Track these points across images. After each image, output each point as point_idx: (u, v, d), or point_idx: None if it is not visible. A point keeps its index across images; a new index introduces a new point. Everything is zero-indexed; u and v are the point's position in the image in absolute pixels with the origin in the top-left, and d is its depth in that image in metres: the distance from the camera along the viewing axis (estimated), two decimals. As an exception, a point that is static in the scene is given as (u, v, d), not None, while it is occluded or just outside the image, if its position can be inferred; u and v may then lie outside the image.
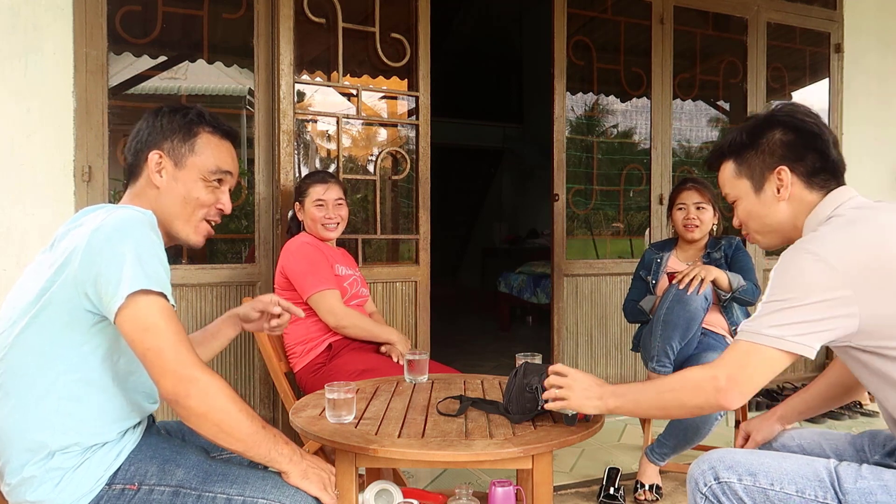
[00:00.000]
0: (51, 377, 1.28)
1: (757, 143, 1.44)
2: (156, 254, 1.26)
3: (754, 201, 1.47)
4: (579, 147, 4.00)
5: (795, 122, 1.42)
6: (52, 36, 2.64)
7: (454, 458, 1.46)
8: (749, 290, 2.60)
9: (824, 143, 1.41)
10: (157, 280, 1.23)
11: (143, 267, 1.22)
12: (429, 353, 2.20)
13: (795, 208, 1.42)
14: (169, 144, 1.43)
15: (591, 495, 2.61)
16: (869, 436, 1.52)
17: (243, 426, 1.28)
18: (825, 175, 1.40)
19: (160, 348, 1.21)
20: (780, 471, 1.30)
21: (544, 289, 5.99)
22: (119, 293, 1.20)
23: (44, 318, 1.27)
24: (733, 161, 1.49)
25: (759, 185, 1.45)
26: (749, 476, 1.31)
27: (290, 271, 2.47)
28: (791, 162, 1.41)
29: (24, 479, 1.27)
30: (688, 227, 2.74)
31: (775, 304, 1.29)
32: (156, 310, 1.22)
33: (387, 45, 3.24)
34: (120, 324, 1.22)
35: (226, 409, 1.26)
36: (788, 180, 1.41)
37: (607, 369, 3.84)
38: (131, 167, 1.46)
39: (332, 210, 2.58)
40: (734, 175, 1.49)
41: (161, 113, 1.46)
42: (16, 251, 2.60)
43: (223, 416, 1.25)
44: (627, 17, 3.98)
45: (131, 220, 1.27)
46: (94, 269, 1.23)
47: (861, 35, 4.47)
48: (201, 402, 1.23)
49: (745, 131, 1.47)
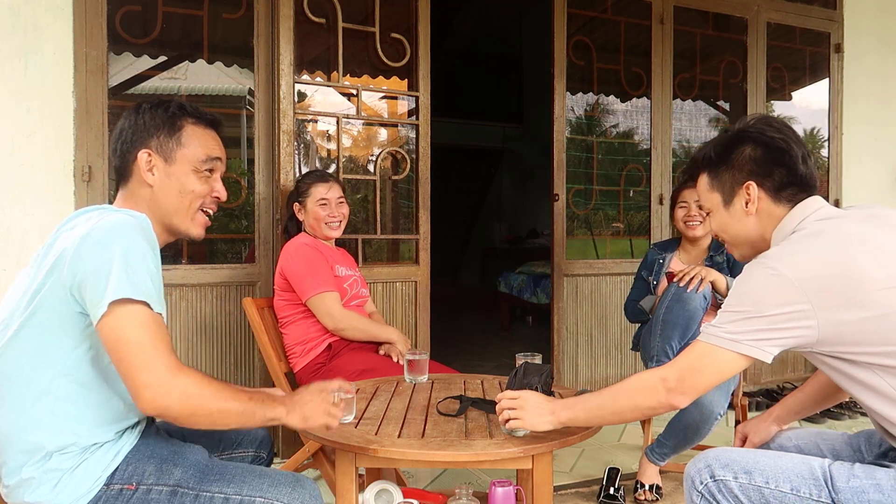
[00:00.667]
0: (46, 379, 1.27)
1: (728, 158, 1.47)
2: (143, 260, 1.25)
3: (724, 214, 1.50)
4: (579, 147, 4.00)
5: (764, 139, 1.44)
6: (52, 36, 2.64)
7: (454, 458, 1.46)
8: None
9: (792, 159, 1.42)
10: (141, 289, 1.21)
11: (129, 275, 1.21)
12: (429, 353, 2.20)
13: (764, 222, 1.45)
14: (156, 141, 1.42)
15: (591, 495, 2.60)
16: (865, 436, 1.52)
17: (232, 408, 1.27)
18: (793, 189, 1.42)
19: (131, 363, 1.20)
20: (775, 469, 1.31)
21: (544, 289, 5.99)
22: (103, 300, 1.19)
23: (36, 320, 1.27)
24: (707, 174, 1.51)
25: (729, 199, 1.47)
26: (745, 474, 1.32)
27: (289, 273, 2.47)
28: (759, 177, 1.43)
29: (22, 480, 1.27)
30: (689, 225, 2.73)
31: (733, 314, 1.32)
32: (133, 321, 1.21)
33: (387, 45, 3.24)
34: (99, 330, 1.21)
35: (210, 401, 1.24)
36: (755, 195, 1.43)
37: (607, 369, 3.84)
38: (120, 169, 1.45)
39: (336, 209, 2.58)
40: (707, 188, 1.52)
41: (142, 110, 1.44)
42: (16, 251, 2.60)
43: (210, 408, 1.25)
44: (627, 17, 3.98)
45: (121, 226, 1.26)
46: (81, 275, 1.22)
47: (861, 35, 4.47)
48: (184, 405, 1.22)
49: (716, 147, 1.50)
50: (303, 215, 2.61)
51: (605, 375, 3.82)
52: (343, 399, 1.62)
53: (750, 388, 4.03)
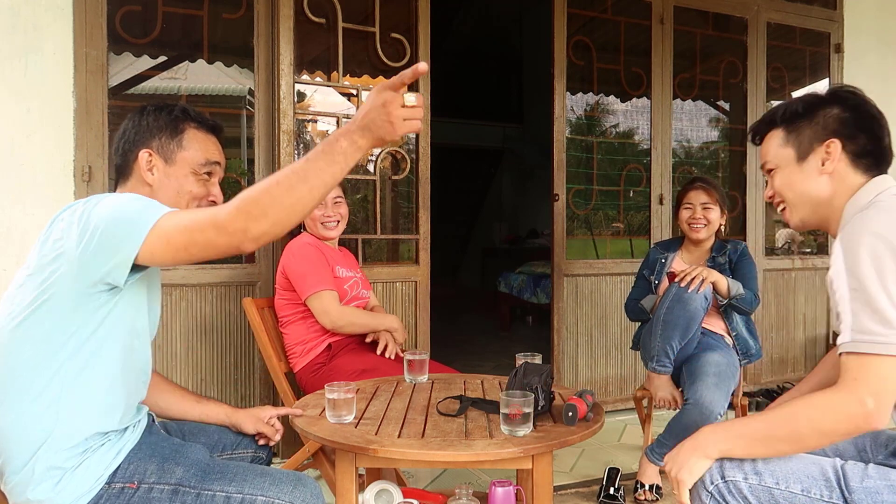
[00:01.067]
0: (50, 371, 1.28)
1: (813, 114, 1.43)
2: (152, 202, 1.28)
3: (794, 170, 1.45)
4: (579, 147, 4.00)
5: (856, 102, 1.42)
6: (52, 36, 2.64)
7: (454, 458, 1.46)
8: (747, 298, 2.60)
9: (880, 129, 1.40)
10: (161, 208, 1.24)
11: (150, 204, 1.25)
12: (429, 353, 2.20)
13: (835, 185, 1.41)
14: (157, 142, 1.46)
15: (591, 495, 2.61)
16: (871, 436, 1.50)
17: (294, 181, 1.15)
18: (871, 160, 1.39)
19: (200, 226, 1.18)
20: (785, 470, 1.30)
21: (544, 289, 5.99)
22: (138, 229, 1.19)
23: (45, 310, 1.27)
24: (783, 129, 1.47)
25: (805, 154, 1.43)
26: (755, 475, 1.30)
27: (290, 271, 2.47)
28: (843, 138, 1.39)
29: (24, 477, 1.27)
30: (693, 227, 2.74)
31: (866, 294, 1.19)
32: (174, 219, 1.21)
33: (387, 45, 3.25)
34: (149, 246, 1.19)
35: (274, 196, 1.15)
36: (837, 155, 1.39)
37: (607, 369, 3.84)
38: (120, 167, 1.49)
39: (332, 208, 2.58)
40: (780, 143, 1.47)
41: (146, 112, 1.48)
42: (16, 251, 2.60)
43: (281, 201, 1.15)
44: (627, 17, 3.98)
45: (111, 194, 1.32)
46: (99, 233, 1.22)
47: (861, 35, 4.47)
48: (257, 223, 1.15)
49: (804, 102, 1.45)
50: None
51: (605, 375, 3.82)
52: (343, 399, 1.62)
53: (750, 388, 4.03)
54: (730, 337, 2.71)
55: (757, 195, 4.23)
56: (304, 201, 1.16)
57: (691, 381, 2.43)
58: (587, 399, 1.66)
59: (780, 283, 4.28)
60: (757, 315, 4.11)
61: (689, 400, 2.38)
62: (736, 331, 2.71)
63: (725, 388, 2.41)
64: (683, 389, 2.53)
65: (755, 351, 2.72)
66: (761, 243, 4.22)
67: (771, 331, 4.22)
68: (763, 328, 4.13)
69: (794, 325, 4.31)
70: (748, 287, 2.62)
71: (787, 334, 4.29)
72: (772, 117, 1.51)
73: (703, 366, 2.45)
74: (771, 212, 4.41)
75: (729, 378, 2.45)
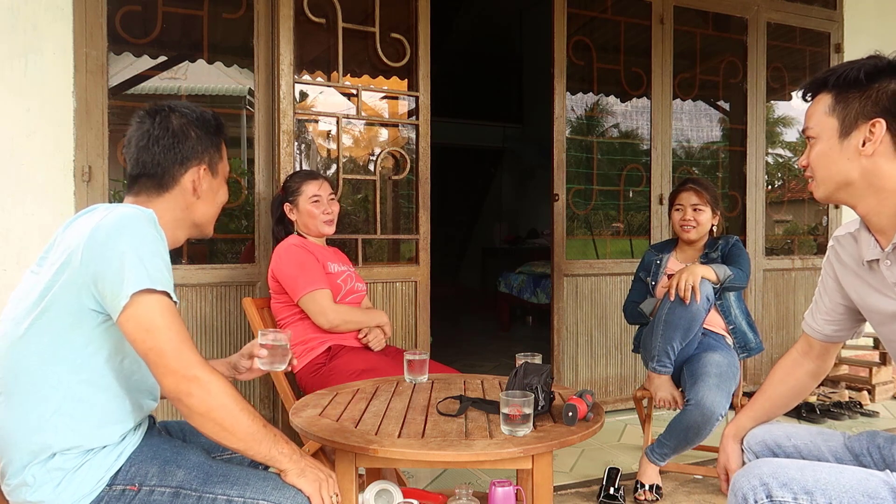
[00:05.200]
0: (54, 379, 1.28)
1: (867, 84, 1.29)
2: (157, 251, 1.27)
3: (833, 146, 1.33)
4: (579, 147, 4.00)
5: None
6: (52, 36, 2.64)
7: (454, 458, 1.46)
8: (737, 276, 2.59)
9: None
10: (159, 279, 1.24)
11: (146, 265, 1.23)
12: (429, 353, 2.20)
13: (870, 169, 1.30)
14: (209, 157, 1.49)
15: (591, 495, 2.61)
16: (867, 437, 1.49)
17: (244, 424, 1.28)
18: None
19: (162, 349, 1.22)
20: (838, 488, 1.21)
21: (544, 289, 5.99)
22: (123, 293, 1.20)
23: (46, 319, 1.27)
24: (833, 96, 1.34)
25: (848, 130, 1.31)
26: (805, 495, 1.21)
27: (279, 275, 2.47)
28: (892, 117, 1.27)
29: (25, 479, 1.27)
30: (684, 228, 2.76)
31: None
32: (158, 310, 1.23)
33: (387, 45, 3.24)
34: (122, 324, 1.23)
35: (227, 408, 1.26)
36: (880, 136, 1.27)
37: (607, 369, 3.84)
38: (157, 178, 1.44)
39: (328, 205, 2.60)
40: (826, 111, 1.34)
41: (187, 123, 1.46)
42: (16, 251, 2.60)
43: (224, 415, 1.26)
44: (627, 17, 3.98)
45: (131, 218, 1.28)
46: (94, 267, 1.23)
47: (861, 35, 4.47)
48: (203, 401, 1.24)
49: (865, 68, 1.30)
50: (295, 215, 2.61)
51: (605, 375, 3.82)
52: (273, 345, 1.60)
53: (750, 388, 4.03)
54: (730, 336, 2.72)
55: (757, 195, 4.23)
56: (226, 433, 1.28)
57: (693, 381, 2.43)
58: (587, 399, 1.66)
59: (780, 283, 4.28)
60: (757, 315, 4.11)
61: (691, 401, 2.38)
62: (734, 324, 2.72)
63: (727, 389, 2.41)
64: (684, 390, 2.53)
65: (755, 344, 2.72)
66: (761, 243, 4.22)
67: (771, 331, 4.22)
68: (763, 328, 4.13)
69: (795, 325, 4.31)
70: (735, 265, 2.61)
71: (787, 334, 4.29)
72: (826, 78, 1.36)
73: (705, 366, 2.45)
74: (771, 212, 4.42)
75: (730, 378, 2.45)
